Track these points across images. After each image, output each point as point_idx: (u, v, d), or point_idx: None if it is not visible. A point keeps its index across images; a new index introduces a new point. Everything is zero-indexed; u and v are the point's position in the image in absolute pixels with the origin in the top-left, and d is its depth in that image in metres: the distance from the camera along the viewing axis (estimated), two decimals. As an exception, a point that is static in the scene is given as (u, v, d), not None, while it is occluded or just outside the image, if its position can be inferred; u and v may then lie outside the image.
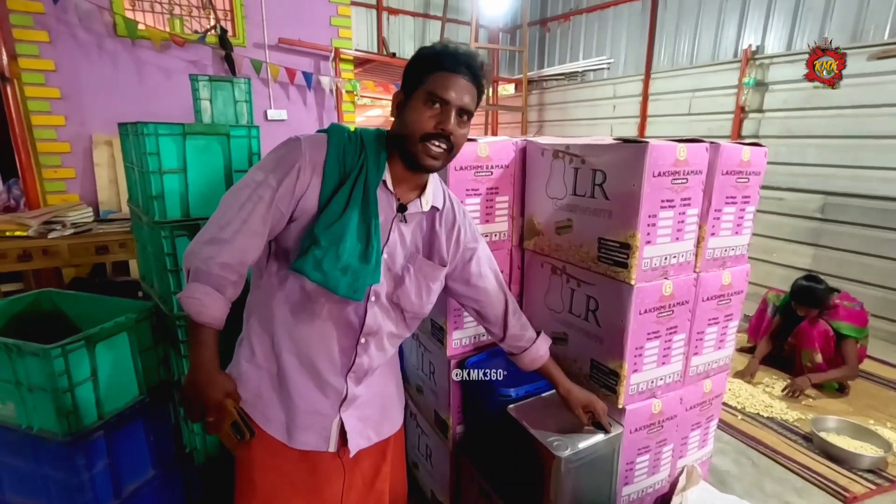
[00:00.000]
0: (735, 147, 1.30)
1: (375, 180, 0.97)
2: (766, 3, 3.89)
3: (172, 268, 1.53)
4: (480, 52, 1.01)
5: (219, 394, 0.96)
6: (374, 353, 1.06)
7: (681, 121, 4.58)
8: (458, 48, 0.96)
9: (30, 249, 2.42)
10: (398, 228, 1.03)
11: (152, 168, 1.45)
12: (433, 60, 0.94)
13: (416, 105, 0.94)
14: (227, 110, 2.53)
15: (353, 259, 0.93)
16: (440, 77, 0.93)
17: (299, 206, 0.95)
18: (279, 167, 0.94)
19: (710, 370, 1.49)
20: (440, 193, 1.09)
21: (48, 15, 3.20)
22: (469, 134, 1.03)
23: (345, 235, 0.92)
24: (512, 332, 1.24)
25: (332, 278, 0.92)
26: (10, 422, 1.37)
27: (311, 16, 4.06)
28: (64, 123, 3.36)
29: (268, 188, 0.93)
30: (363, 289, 0.95)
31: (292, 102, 4.15)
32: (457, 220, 1.12)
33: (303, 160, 0.94)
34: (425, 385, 1.72)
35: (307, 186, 0.94)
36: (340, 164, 0.96)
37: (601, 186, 1.25)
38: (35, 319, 1.63)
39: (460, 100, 0.93)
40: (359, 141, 0.99)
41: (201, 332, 0.94)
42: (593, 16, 5.39)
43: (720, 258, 1.38)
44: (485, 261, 1.20)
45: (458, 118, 0.95)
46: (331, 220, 0.93)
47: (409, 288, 1.05)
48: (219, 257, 0.92)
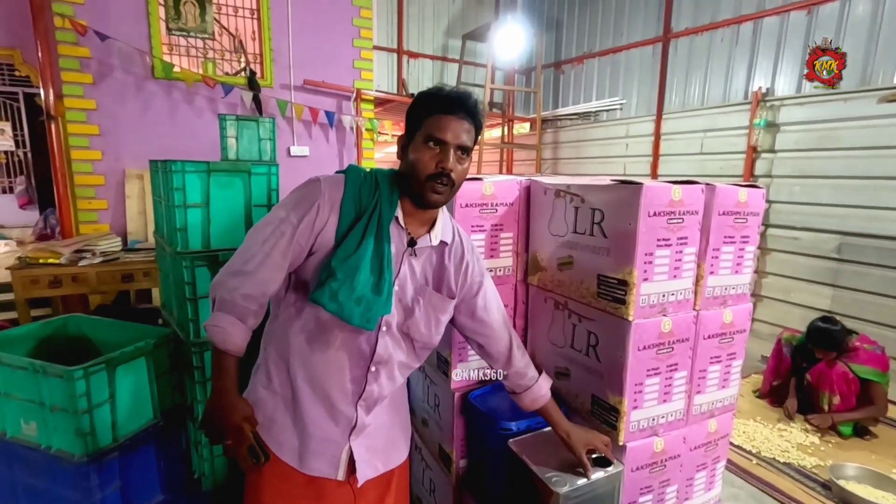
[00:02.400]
0: (731, 188, 1.34)
1: (388, 217, 1.03)
2: (774, 47, 3.99)
3: (191, 296, 1.61)
4: (473, 92, 1.09)
5: (238, 418, 1.01)
6: (384, 381, 1.10)
7: (693, 160, 4.63)
8: (452, 91, 1.04)
9: (60, 276, 2.55)
10: (409, 262, 1.08)
11: (177, 202, 1.55)
12: (429, 104, 1.02)
13: (417, 147, 1.02)
14: (252, 147, 2.67)
15: (367, 290, 0.99)
16: (437, 120, 1.00)
17: (318, 241, 1.02)
18: (300, 205, 1.02)
19: (715, 409, 1.48)
20: (449, 229, 1.15)
21: (94, 59, 3.46)
22: (482, 169, 1.10)
23: (359, 268, 0.98)
24: (515, 368, 1.27)
25: (347, 309, 0.97)
26: (31, 441, 1.43)
27: (336, 59, 4.30)
28: (101, 158, 3.57)
29: (289, 225, 1.00)
30: (375, 319, 1.00)
31: (314, 139, 4.34)
32: (465, 254, 1.17)
33: (322, 199, 1.01)
34: (430, 418, 1.73)
35: (325, 222, 1.01)
36: (356, 202, 1.03)
37: (600, 225, 1.30)
38: (61, 343, 1.72)
39: (457, 139, 1.01)
40: (373, 181, 1.07)
41: (224, 359, 1.01)
42: (606, 59, 5.56)
43: (721, 296, 1.40)
44: (491, 296, 1.24)
45: (457, 155, 1.02)
46: (347, 254, 0.99)
47: (419, 319, 1.10)
48: (242, 288, 0.99)
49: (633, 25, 5.22)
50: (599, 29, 5.63)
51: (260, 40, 4.06)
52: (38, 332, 1.68)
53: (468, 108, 1.02)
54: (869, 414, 2.53)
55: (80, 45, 3.41)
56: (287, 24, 4.06)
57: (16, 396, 1.42)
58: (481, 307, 1.21)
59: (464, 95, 1.03)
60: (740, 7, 4.18)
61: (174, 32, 3.76)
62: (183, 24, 3.77)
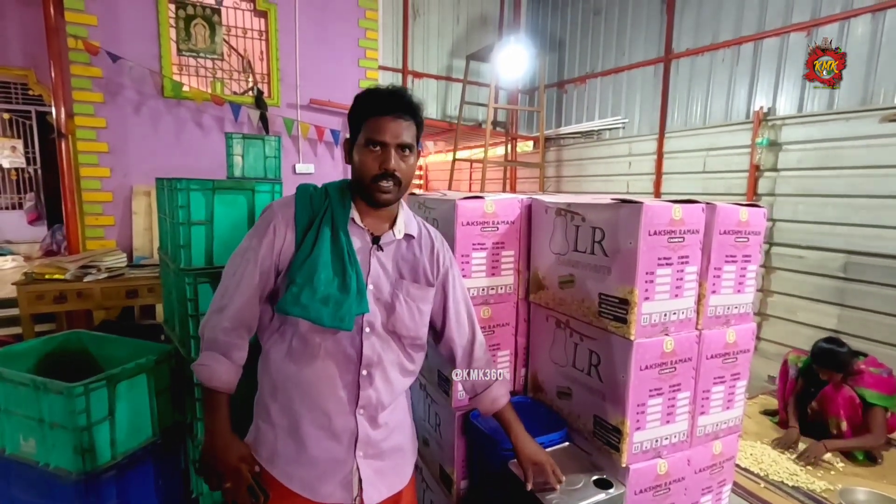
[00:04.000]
0: (732, 207, 1.34)
1: (343, 219, 1.07)
2: (775, 67, 4.02)
3: (193, 313, 1.61)
4: (407, 89, 1.12)
5: (234, 459, 1.02)
6: (380, 385, 1.09)
7: (696, 178, 4.63)
8: (386, 90, 1.06)
9: (65, 292, 2.57)
10: (377, 258, 1.10)
11: (182, 219, 1.57)
12: (366, 107, 1.05)
13: (360, 150, 1.06)
14: (257, 165, 2.71)
15: (332, 290, 1.00)
16: (374, 121, 1.03)
17: (281, 259, 1.06)
18: (258, 231, 1.07)
19: (720, 431, 1.46)
20: (413, 223, 1.18)
21: (105, 78, 3.54)
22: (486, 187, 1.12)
23: (317, 269, 1.00)
24: (477, 365, 1.27)
25: (312, 310, 0.99)
26: (29, 458, 1.43)
27: (342, 79, 4.38)
28: (109, 175, 3.63)
29: (252, 251, 1.06)
30: (349, 317, 1.01)
31: (319, 157, 4.40)
32: (435, 245, 1.20)
33: (276, 219, 1.06)
34: (431, 437, 1.71)
35: (284, 239, 1.06)
36: (308, 212, 1.07)
37: (600, 243, 1.30)
38: (64, 359, 1.73)
39: (396, 138, 1.03)
40: (323, 191, 1.12)
41: (214, 398, 1.03)
42: (608, 79, 5.62)
43: (723, 316, 1.39)
44: (458, 286, 1.25)
45: (399, 153, 1.04)
46: (303, 258, 1.02)
47: (402, 313, 1.11)
48: (221, 323, 1.04)
49: (634, 46, 5.29)
50: (601, 49, 5.70)
51: (268, 61, 4.15)
52: (41, 348, 1.69)
53: (404, 105, 1.05)
54: (865, 443, 2.43)
55: (93, 66, 3.49)
56: (294, 46, 4.15)
57: (16, 413, 1.42)
58: (450, 297, 1.22)
59: (398, 94, 1.06)
60: (740, 29, 4.24)
61: (184, 53, 3.85)
62: (193, 44, 3.86)
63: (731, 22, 4.32)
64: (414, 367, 1.18)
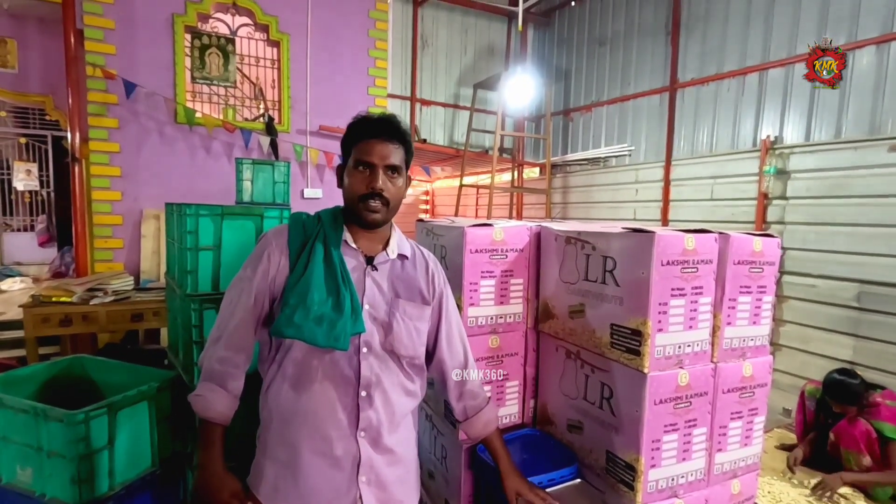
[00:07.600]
0: (745, 237, 1.32)
1: (336, 241, 1.08)
2: (781, 97, 4.05)
3: (198, 339, 1.59)
4: (396, 114, 1.15)
5: (226, 495, 1.00)
6: (380, 407, 1.07)
7: (704, 206, 4.62)
8: (374, 116, 1.10)
9: (71, 315, 2.56)
10: (372, 278, 1.11)
11: (189, 245, 1.57)
12: (357, 132, 1.10)
13: (350, 172, 1.09)
14: (266, 190, 2.73)
15: (326, 309, 1.01)
16: (364, 145, 1.07)
17: (276, 284, 1.07)
18: (253, 260, 1.10)
19: (738, 469, 1.40)
20: (406, 245, 1.19)
21: (121, 104, 3.62)
22: (493, 213, 1.11)
23: (310, 290, 1.01)
24: (470, 387, 1.26)
25: (306, 330, 0.99)
26: (26, 488, 1.39)
27: (351, 106, 4.45)
28: (120, 198, 3.67)
29: (247, 280, 1.08)
30: (344, 336, 1.00)
31: (327, 183, 4.44)
32: (429, 265, 1.21)
33: (269, 247, 1.09)
34: (437, 470, 1.66)
35: (278, 265, 1.08)
36: (301, 236, 1.10)
37: (612, 273, 1.28)
38: (66, 384, 1.70)
39: (385, 160, 1.06)
40: (315, 217, 1.14)
41: (209, 429, 1.02)
42: (614, 107, 5.68)
43: (739, 348, 1.35)
44: (451, 308, 1.25)
45: (387, 175, 1.07)
46: (296, 279, 1.04)
47: (400, 332, 1.10)
48: (216, 353, 1.05)
49: (640, 76, 5.36)
50: (607, 79, 5.78)
51: (279, 88, 4.24)
52: (43, 374, 1.67)
53: (392, 130, 1.09)
54: (885, 479, 2.33)
55: (109, 92, 3.57)
56: (305, 74, 4.24)
57: (14, 440, 1.39)
58: (444, 319, 1.22)
59: (387, 119, 1.10)
60: (745, 59, 4.28)
61: (198, 80, 3.94)
62: (207, 73, 3.95)
63: (736, 52, 4.38)
64: (415, 387, 1.16)
